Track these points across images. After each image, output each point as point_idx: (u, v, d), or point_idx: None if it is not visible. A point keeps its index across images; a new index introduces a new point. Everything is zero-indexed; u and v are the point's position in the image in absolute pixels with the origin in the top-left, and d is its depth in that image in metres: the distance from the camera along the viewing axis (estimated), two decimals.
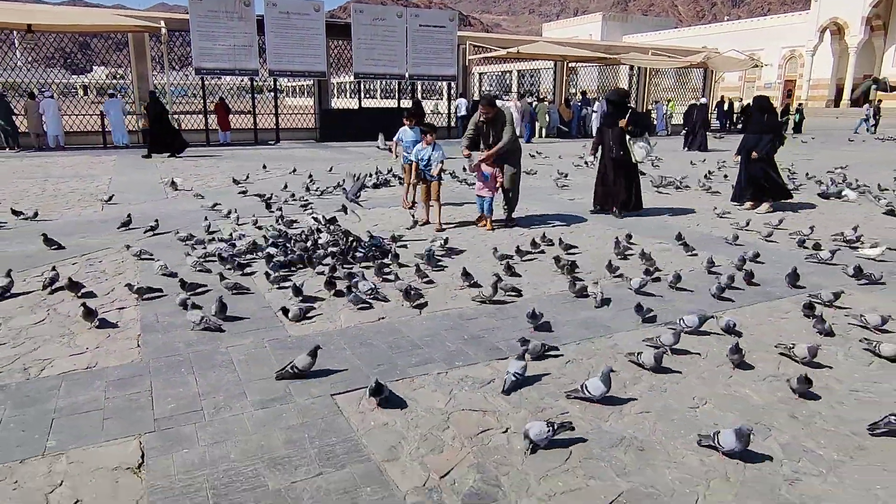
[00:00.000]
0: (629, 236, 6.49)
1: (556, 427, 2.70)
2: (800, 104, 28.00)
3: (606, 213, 8.04)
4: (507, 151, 7.10)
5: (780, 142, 8.47)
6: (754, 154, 8.24)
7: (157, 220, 7.01)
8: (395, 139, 8.43)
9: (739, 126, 25.35)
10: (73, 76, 45.58)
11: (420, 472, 2.56)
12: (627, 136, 7.68)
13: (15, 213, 7.59)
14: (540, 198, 9.34)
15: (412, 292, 4.53)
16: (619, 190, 7.93)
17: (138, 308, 4.43)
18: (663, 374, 3.44)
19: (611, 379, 3.09)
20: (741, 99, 29.42)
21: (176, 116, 19.12)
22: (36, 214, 7.54)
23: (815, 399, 3.17)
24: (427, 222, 7.34)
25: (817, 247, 6.22)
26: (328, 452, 2.67)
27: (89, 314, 4.05)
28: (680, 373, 3.48)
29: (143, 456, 2.64)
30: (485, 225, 7.25)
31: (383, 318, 4.29)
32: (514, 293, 4.75)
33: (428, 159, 7.07)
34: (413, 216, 7.51)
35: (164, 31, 16.84)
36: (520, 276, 5.27)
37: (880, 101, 27.23)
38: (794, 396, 3.18)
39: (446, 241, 6.26)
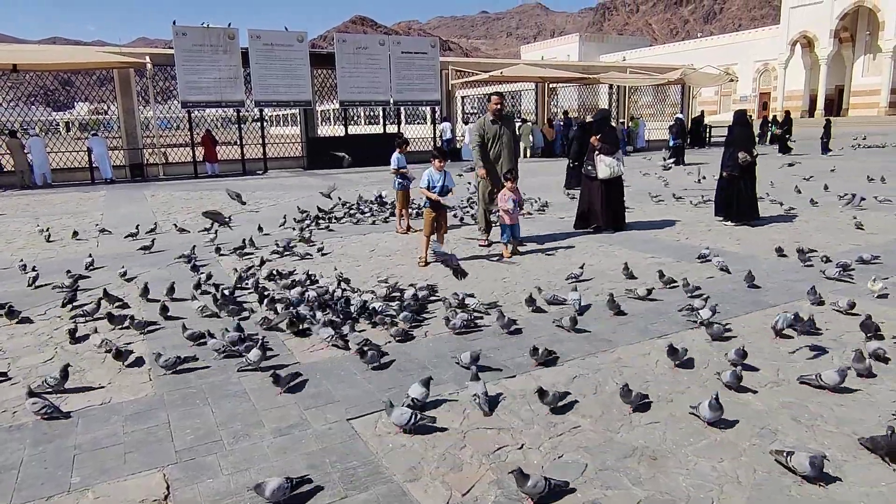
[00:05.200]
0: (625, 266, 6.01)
1: (294, 482, 2.55)
2: (774, 116, 28.57)
3: (592, 230, 8.12)
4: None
5: (750, 154, 8.21)
6: (725, 173, 8.47)
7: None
8: (396, 165, 8.48)
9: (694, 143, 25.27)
10: (56, 113, 45.53)
11: (442, 490, 2.62)
12: (596, 153, 7.86)
13: (179, 229, 9.01)
14: (530, 218, 9.49)
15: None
16: (603, 207, 8.02)
17: (146, 342, 4.48)
18: (667, 386, 3.55)
19: (721, 405, 3.06)
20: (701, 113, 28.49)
21: (163, 149, 19.22)
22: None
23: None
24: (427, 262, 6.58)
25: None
26: (350, 475, 2.73)
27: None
28: (682, 381, 3.59)
29: (168, 487, 2.68)
30: (505, 254, 6.86)
31: (389, 341, 4.36)
32: None
33: (442, 186, 6.53)
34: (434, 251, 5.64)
35: (149, 66, 17.01)
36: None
37: (829, 120, 21.71)
38: (796, 400, 3.29)
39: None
